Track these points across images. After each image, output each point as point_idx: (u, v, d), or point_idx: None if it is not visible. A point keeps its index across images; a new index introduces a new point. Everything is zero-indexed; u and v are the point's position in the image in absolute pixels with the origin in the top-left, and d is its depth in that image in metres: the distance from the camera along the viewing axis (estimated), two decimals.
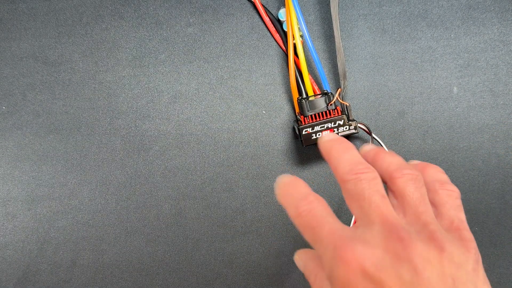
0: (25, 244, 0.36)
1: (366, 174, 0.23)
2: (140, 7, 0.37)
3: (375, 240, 0.21)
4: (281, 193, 0.25)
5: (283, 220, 0.37)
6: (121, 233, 0.37)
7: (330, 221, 0.23)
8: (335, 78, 0.37)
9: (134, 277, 0.37)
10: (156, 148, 0.37)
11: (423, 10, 0.38)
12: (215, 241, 0.37)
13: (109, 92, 0.36)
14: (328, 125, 0.35)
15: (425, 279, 0.20)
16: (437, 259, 0.20)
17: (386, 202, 0.23)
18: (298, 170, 0.37)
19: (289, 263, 0.37)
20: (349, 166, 0.24)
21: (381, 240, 0.21)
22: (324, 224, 0.23)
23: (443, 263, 0.20)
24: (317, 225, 0.23)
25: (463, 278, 0.20)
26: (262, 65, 0.37)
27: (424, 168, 0.26)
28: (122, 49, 0.37)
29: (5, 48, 0.36)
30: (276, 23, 0.37)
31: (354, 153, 0.25)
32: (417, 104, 0.38)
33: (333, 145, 0.26)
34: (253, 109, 0.37)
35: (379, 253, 0.21)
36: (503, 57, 0.38)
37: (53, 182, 0.36)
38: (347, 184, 0.23)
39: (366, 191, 0.23)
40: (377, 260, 0.20)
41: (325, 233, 0.22)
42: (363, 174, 0.23)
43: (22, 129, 0.36)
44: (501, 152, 0.38)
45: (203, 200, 0.37)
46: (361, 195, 0.23)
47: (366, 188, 0.23)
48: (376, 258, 0.20)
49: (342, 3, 0.38)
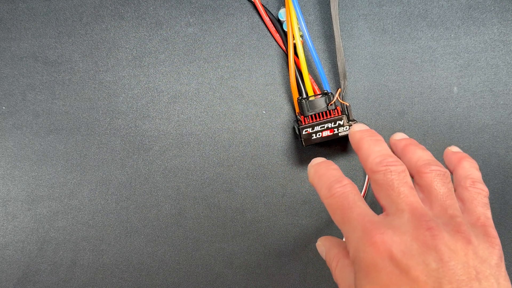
0: (25, 244, 0.36)
1: (396, 167, 0.24)
2: (140, 7, 0.37)
3: (404, 227, 0.22)
4: (314, 173, 0.26)
5: (283, 220, 0.37)
6: (121, 233, 0.37)
7: (361, 205, 0.24)
8: (335, 78, 0.37)
9: (134, 277, 0.37)
10: (156, 148, 0.37)
11: (423, 10, 0.38)
12: (215, 241, 0.37)
13: (109, 92, 0.36)
14: (328, 125, 0.35)
15: (450, 269, 0.20)
16: (463, 251, 0.21)
17: (414, 193, 0.23)
18: (298, 170, 0.37)
19: (289, 263, 0.37)
20: (379, 158, 0.25)
21: (410, 227, 0.22)
22: (355, 207, 0.23)
23: (468, 255, 0.21)
24: (348, 207, 0.23)
25: (486, 272, 0.21)
26: (262, 65, 0.37)
27: (460, 160, 0.27)
28: (122, 49, 0.37)
29: (5, 48, 0.36)
30: (276, 23, 0.37)
31: (384, 146, 0.26)
32: (417, 104, 0.38)
33: (363, 136, 0.26)
34: (253, 109, 0.37)
35: (408, 240, 0.21)
36: (503, 57, 0.38)
37: (53, 182, 0.36)
38: (376, 174, 0.24)
39: (395, 181, 0.23)
40: (405, 247, 0.21)
41: (355, 215, 0.23)
42: (393, 167, 0.24)
43: (22, 129, 0.36)
44: (501, 152, 0.38)
45: (203, 200, 0.37)
46: (390, 186, 0.23)
47: (395, 179, 0.24)
48: (404, 245, 0.21)
49: (342, 3, 0.37)
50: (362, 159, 0.26)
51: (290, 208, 0.37)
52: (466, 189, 0.25)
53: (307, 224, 0.37)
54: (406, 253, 0.21)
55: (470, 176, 0.26)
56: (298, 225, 0.37)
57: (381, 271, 0.21)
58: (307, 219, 0.37)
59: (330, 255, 0.27)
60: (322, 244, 0.28)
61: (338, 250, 0.26)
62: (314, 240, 0.37)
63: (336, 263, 0.25)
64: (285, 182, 0.37)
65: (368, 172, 0.25)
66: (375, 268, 0.21)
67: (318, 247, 0.29)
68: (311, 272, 0.37)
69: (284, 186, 0.37)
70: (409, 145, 0.27)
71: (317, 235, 0.37)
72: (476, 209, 0.24)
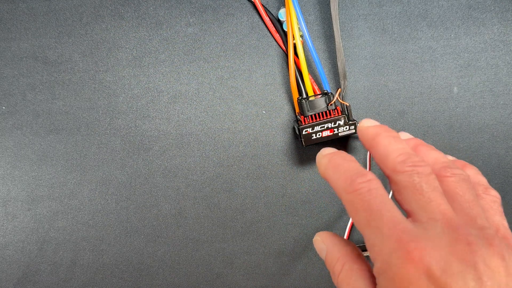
0: (25, 244, 0.36)
1: (423, 168, 0.22)
2: (140, 7, 0.37)
3: (441, 241, 0.20)
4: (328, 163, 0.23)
5: (283, 220, 0.37)
6: (121, 233, 0.37)
7: (391, 208, 0.21)
8: (335, 78, 0.37)
9: (134, 277, 0.37)
10: (156, 148, 0.37)
11: (423, 10, 0.38)
12: (215, 241, 0.37)
13: (109, 92, 0.36)
14: (328, 125, 0.35)
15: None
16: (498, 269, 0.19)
17: (445, 200, 0.21)
18: (298, 170, 0.37)
19: (289, 263, 0.37)
20: (402, 156, 0.22)
21: (447, 241, 0.20)
22: (385, 211, 0.21)
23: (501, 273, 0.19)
24: (377, 209, 0.21)
25: None
26: (262, 65, 0.37)
27: (464, 167, 0.25)
28: (122, 49, 0.37)
29: (5, 48, 0.36)
30: (276, 23, 0.37)
31: (404, 144, 0.23)
32: (417, 104, 0.38)
33: (379, 132, 0.24)
34: (253, 109, 0.37)
35: (446, 256, 0.19)
36: (503, 57, 0.38)
37: (53, 182, 0.36)
38: (400, 175, 0.22)
39: (424, 185, 0.21)
40: (445, 264, 0.19)
41: (385, 220, 0.20)
42: (420, 168, 0.22)
43: (22, 129, 0.36)
44: (501, 152, 0.38)
45: (203, 200, 0.37)
46: (418, 190, 0.21)
47: (423, 182, 0.21)
48: (443, 261, 0.19)
49: (342, 3, 0.37)
50: (379, 157, 0.23)
51: (290, 208, 0.37)
52: (480, 196, 0.23)
53: (307, 224, 0.37)
54: (445, 270, 0.19)
55: (480, 183, 0.24)
56: (298, 225, 0.37)
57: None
58: (307, 219, 0.37)
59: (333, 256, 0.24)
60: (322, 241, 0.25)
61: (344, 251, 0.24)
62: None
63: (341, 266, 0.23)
64: (285, 182, 0.37)
65: (389, 172, 0.22)
66: (410, 284, 0.19)
67: (317, 244, 0.25)
68: (311, 272, 0.37)
69: (284, 186, 0.37)
70: (419, 146, 0.24)
71: None
72: (494, 219, 0.23)
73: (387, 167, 0.23)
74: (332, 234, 0.25)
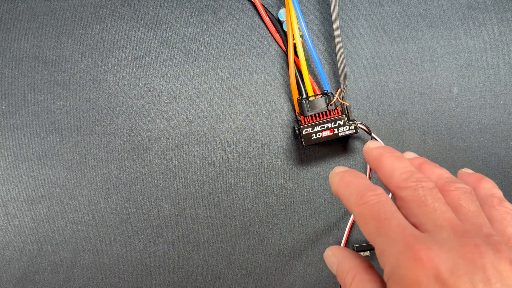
0: (25, 244, 0.36)
1: (426, 183, 0.23)
2: (140, 7, 0.37)
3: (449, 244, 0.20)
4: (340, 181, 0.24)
5: (283, 220, 0.37)
6: (121, 233, 0.37)
7: (399, 216, 0.22)
8: (335, 78, 0.37)
9: (134, 277, 0.37)
10: (156, 148, 0.37)
11: (423, 10, 0.38)
12: (215, 241, 0.37)
13: (109, 92, 0.36)
14: (328, 125, 0.35)
15: None
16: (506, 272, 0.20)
17: (450, 209, 0.22)
18: (298, 170, 0.37)
19: (289, 263, 0.37)
20: (406, 174, 0.23)
21: (455, 244, 0.20)
22: (393, 218, 0.22)
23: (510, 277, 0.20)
24: (385, 217, 0.22)
25: None
26: (262, 65, 0.37)
27: (480, 180, 0.26)
28: (122, 49, 0.37)
29: (5, 48, 0.36)
30: (276, 23, 0.37)
31: (408, 163, 0.24)
32: (417, 104, 0.38)
33: (383, 153, 0.25)
34: (253, 109, 0.37)
35: (454, 258, 0.20)
36: (503, 57, 0.38)
37: (53, 182, 0.36)
38: (405, 191, 0.23)
39: (429, 197, 0.22)
40: (453, 265, 0.19)
41: (393, 226, 0.21)
42: (424, 183, 0.23)
43: (22, 129, 0.36)
44: (501, 152, 0.38)
45: (203, 200, 0.37)
46: (423, 202, 0.22)
47: (428, 195, 0.22)
48: (451, 263, 0.20)
49: (342, 3, 0.37)
50: (384, 176, 0.24)
51: (290, 208, 0.37)
52: (494, 207, 0.24)
53: (307, 224, 0.37)
54: (453, 272, 0.19)
55: (496, 195, 0.25)
56: (298, 225, 0.37)
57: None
58: (307, 219, 0.37)
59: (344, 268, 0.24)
60: (333, 254, 0.25)
61: (354, 263, 0.24)
62: (314, 240, 0.37)
63: (352, 277, 0.23)
64: (285, 182, 0.37)
65: (394, 189, 0.24)
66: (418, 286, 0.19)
67: (327, 258, 0.26)
68: (311, 272, 0.37)
69: (284, 186, 0.37)
70: (423, 164, 0.26)
71: (317, 235, 0.37)
72: (507, 230, 0.23)
73: (391, 184, 0.24)
74: (342, 248, 0.26)
